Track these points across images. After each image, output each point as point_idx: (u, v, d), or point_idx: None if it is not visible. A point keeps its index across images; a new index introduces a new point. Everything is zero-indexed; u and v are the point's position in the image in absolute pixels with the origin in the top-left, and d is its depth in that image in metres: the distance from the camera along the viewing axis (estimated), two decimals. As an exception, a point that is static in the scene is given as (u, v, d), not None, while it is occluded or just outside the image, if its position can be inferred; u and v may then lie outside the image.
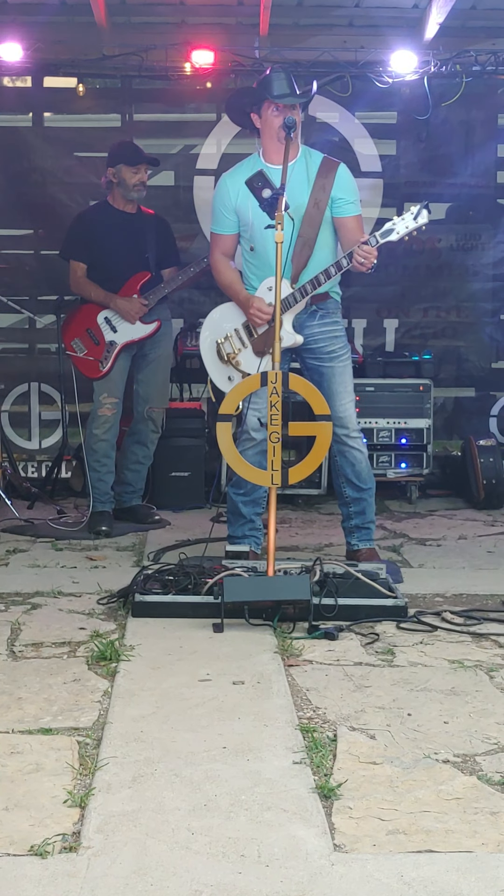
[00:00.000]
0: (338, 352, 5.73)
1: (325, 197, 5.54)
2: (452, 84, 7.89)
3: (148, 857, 2.79)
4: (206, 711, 3.80)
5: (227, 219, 5.70)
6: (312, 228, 5.54)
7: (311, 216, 5.53)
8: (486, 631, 4.76)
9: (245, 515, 5.76)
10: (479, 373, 8.50)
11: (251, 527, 5.76)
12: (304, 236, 5.52)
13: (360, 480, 5.80)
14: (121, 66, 7.82)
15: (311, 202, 5.53)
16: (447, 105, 8.00)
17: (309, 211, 5.52)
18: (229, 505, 5.84)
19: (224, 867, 2.75)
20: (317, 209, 5.53)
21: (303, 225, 5.52)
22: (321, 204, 5.53)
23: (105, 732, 3.60)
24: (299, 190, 5.49)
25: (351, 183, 5.66)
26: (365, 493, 5.81)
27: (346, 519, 5.89)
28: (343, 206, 5.59)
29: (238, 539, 5.77)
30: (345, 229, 5.59)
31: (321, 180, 5.55)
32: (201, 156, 8.20)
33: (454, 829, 2.95)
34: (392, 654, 4.46)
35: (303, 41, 8.01)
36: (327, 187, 5.55)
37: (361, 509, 5.83)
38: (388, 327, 8.41)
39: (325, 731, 3.63)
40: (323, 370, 5.69)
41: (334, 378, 5.70)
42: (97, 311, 6.86)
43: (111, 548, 6.43)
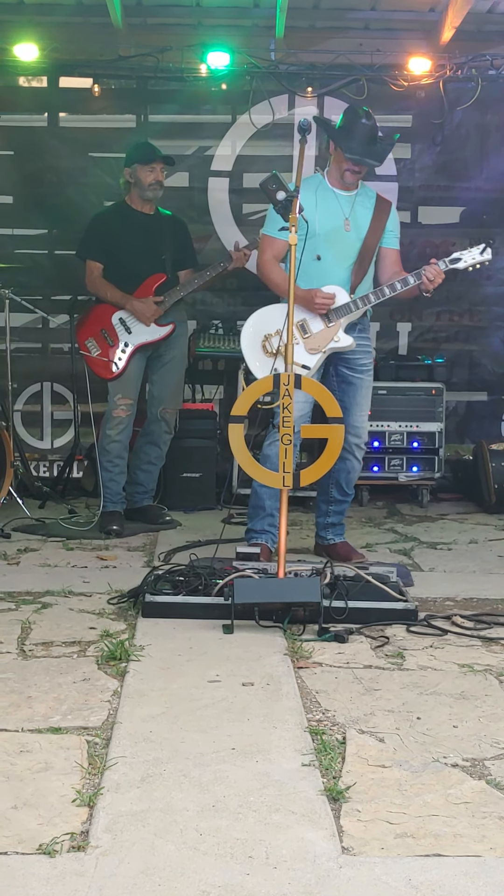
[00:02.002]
0: (368, 365, 6.08)
1: (382, 227, 5.98)
2: (468, 88, 7.91)
3: (156, 858, 2.78)
4: (216, 712, 3.80)
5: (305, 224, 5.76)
6: (370, 251, 5.96)
7: (371, 240, 5.95)
8: (497, 635, 4.75)
9: (267, 509, 5.84)
10: (492, 377, 8.49)
11: (271, 522, 5.83)
12: (364, 256, 5.93)
13: (348, 487, 6.17)
14: (136, 66, 7.86)
15: (371, 228, 5.95)
16: (462, 109, 8.02)
17: (369, 235, 5.93)
18: (252, 498, 5.94)
19: (232, 868, 2.74)
20: (374, 236, 5.96)
21: (364, 246, 5.93)
22: (377, 233, 5.98)
23: (114, 732, 3.60)
24: (364, 216, 5.95)
25: (398, 221, 6.16)
26: (347, 498, 6.22)
27: (324, 515, 6.18)
28: (392, 239, 6.07)
29: (257, 533, 5.86)
30: (388, 259, 6.04)
31: (379, 213, 6.00)
32: (216, 157, 8.22)
33: (462, 833, 2.95)
34: (402, 657, 4.45)
35: (319, 44, 8.03)
36: (383, 219, 6.00)
37: (341, 510, 6.20)
38: (401, 331, 8.42)
39: (335, 734, 3.63)
40: (353, 380, 5.99)
41: (361, 390, 6.03)
42: (112, 312, 6.86)
43: (122, 548, 6.44)
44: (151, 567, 5.63)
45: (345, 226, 5.86)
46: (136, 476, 7.12)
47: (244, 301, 7.91)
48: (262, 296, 6.22)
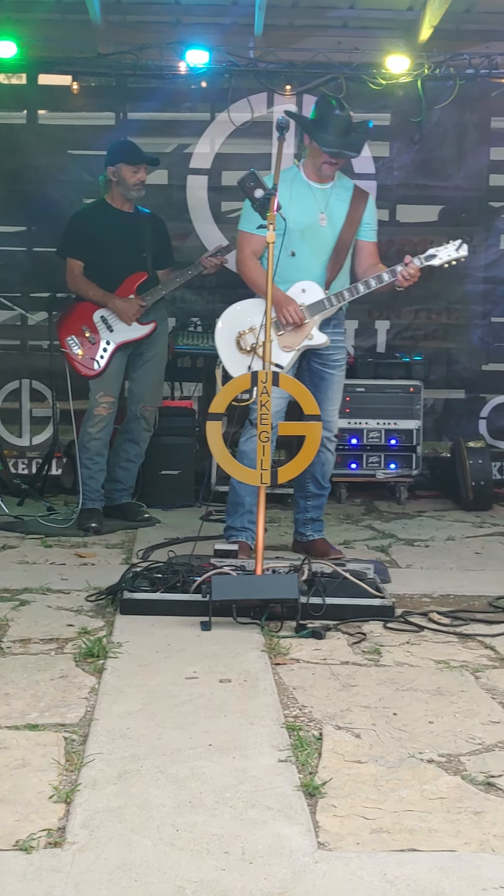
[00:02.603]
0: (341, 361, 6.07)
1: (358, 219, 5.93)
2: (446, 87, 7.92)
3: (132, 853, 2.79)
4: (193, 709, 3.81)
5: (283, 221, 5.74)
6: (346, 244, 5.91)
7: (346, 233, 5.89)
8: (473, 632, 4.77)
9: (246, 506, 5.83)
10: (470, 375, 8.51)
11: (250, 519, 5.79)
12: (339, 250, 5.89)
13: (324, 480, 6.15)
14: (115, 64, 7.83)
15: (347, 221, 5.89)
16: (440, 108, 8.03)
17: (345, 228, 5.88)
18: (231, 495, 5.93)
19: (208, 864, 2.75)
20: (350, 229, 5.90)
21: (339, 240, 5.88)
22: (354, 225, 5.92)
23: (91, 729, 3.60)
24: (340, 209, 5.88)
25: (375, 213, 6.13)
26: (325, 491, 6.19)
27: (303, 511, 6.17)
28: (369, 231, 6.02)
29: (237, 531, 5.85)
30: (365, 252, 6.01)
31: (356, 204, 5.94)
32: (195, 155, 8.21)
33: (437, 828, 2.96)
34: (378, 653, 4.46)
35: (297, 42, 8.04)
36: (360, 211, 5.94)
37: (319, 504, 6.17)
38: (379, 329, 8.43)
39: (311, 730, 3.64)
40: (325, 375, 5.98)
41: (333, 385, 6.02)
42: (93, 310, 6.85)
43: (100, 545, 6.44)
44: (130, 564, 5.63)
45: (320, 220, 5.83)
46: (115, 473, 7.11)
47: (223, 298, 7.86)
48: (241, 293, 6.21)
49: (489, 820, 3.01)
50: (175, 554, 5.66)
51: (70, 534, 6.63)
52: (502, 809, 3.08)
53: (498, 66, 7.86)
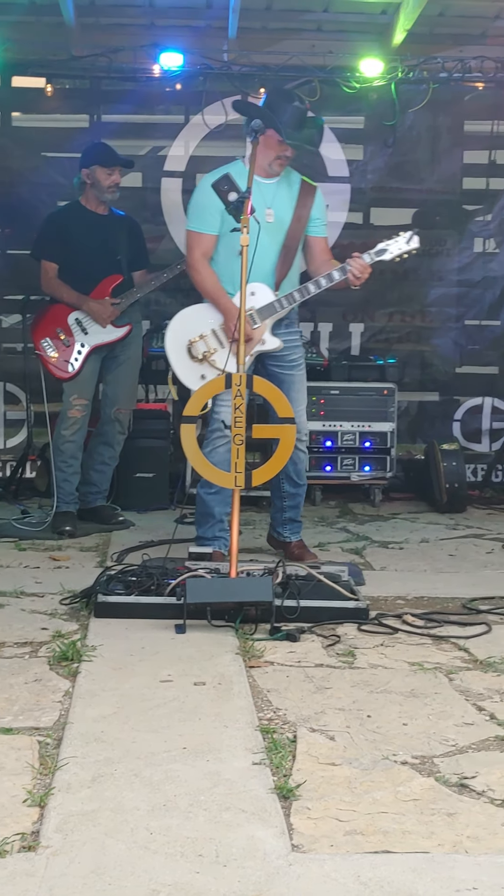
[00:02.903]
0: (298, 360, 5.95)
1: (307, 214, 5.80)
2: (419, 90, 7.96)
3: (106, 857, 2.79)
4: (167, 712, 3.81)
5: (214, 218, 5.72)
6: (295, 242, 5.79)
7: (295, 230, 5.77)
8: (447, 634, 4.79)
9: (216, 516, 5.78)
10: (443, 377, 8.55)
11: (222, 527, 5.78)
12: (288, 247, 5.76)
13: (298, 478, 6.04)
14: (89, 66, 7.84)
15: (295, 217, 5.77)
16: (414, 111, 8.07)
17: (293, 225, 5.76)
18: (199, 506, 5.86)
19: (182, 867, 2.75)
20: (299, 224, 5.78)
21: (287, 237, 5.76)
22: (302, 220, 5.79)
23: (66, 732, 3.59)
24: (286, 204, 5.76)
25: (325, 207, 5.97)
26: (300, 490, 6.08)
27: (279, 511, 6.09)
28: (319, 227, 5.89)
29: (208, 541, 5.79)
30: (316, 248, 5.88)
31: (304, 199, 5.80)
32: (169, 158, 8.21)
33: (411, 829, 2.97)
34: (353, 655, 4.47)
35: (271, 45, 8.05)
36: (308, 206, 5.81)
37: (296, 504, 6.07)
38: (353, 331, 8.45)
39: (285, 733, 3.64)
40: (283, 377, 5.84)
41: (294, 385, 5.89)
42: (68, 312, 6.85)
43: (75, 548, 6.42)
44: (104, 567, 5.61)
45: (266, 216, 5.65)
46: (90, 476, 7.10)
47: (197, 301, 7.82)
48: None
49: (462, 821, 3.02)
50: (149, 557, 5.65)
51: (44, 537, 6.61)
52: (476, 811, 3.09)
53: (471, 69, 7.91)
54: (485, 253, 8.49)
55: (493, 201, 8.45)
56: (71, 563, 6.04)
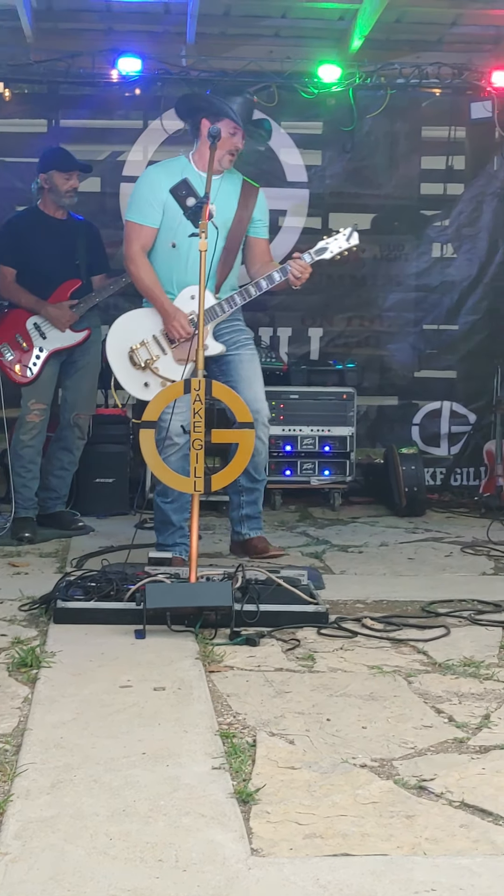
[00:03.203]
0: (242, 341, 5.86)
1: (248, 215, 5.75)
2: (377, 96, 8.00)
3: (66, 863, 2.78)
4: (127, 717, 3.80)
5: (154, 210, 5.71)
6: (235, 244, 5.72)
7: (236, 231, 5.71)
8: (406, 637, 4.80)
9: (175, 523, 5.77)
10: (402, 381, 8.58)
11: (182, 534, 5.76)
12: (229, 249, 5.69)
13: (255, 471, 5.90)
14: (47, 71, 7.82)
15: (236, 218, 5.71)
16: (372, 117, 8.11)
17: (235, 225, 5.70)
18: (157, 514, 5.85)
19: (141, 872, 2.75)
20: (241, 225, 5.72)
21: (228, 238, 5.67)
22: (244, 221, 5.73)
23: (25, 739, 3.58)
24: (227, 205, 5.67)
25: (267, 208, 5.92)
26: (258, 485, 5.96)
27: (236, 508, 5.99)
28: (260, 228, 5.85)
29: (168, 547, 5.78)
30: (257, 249, 5.83)
31: (245, 199, 5.75)
32: (128, 162, 8.21)
33: (370, 832, 2.98)
34: (312, 659, 4.48)
35: (229, 51, 8.08)
36: (250, 207, 5.76)
37: (254, 499, 5.97)
38: (312, 336, 8.47)
39: (245, 737, 3.64)
40: (230, 358, 5.81)
41: (242, 364, 5.81)
42: (26, 317, 6.83)
43: (34, 554, 6.40)
44: (63, 573, 5.60)
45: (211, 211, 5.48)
46: (49, 482, 7.08)
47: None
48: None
49: (421, 823, 3.03)
50: (109, 562, 5.64)
51: (3, 543, 6.58)
52: (434, 813, 3.10)
53: (428, 75, 7.96)
54: (442, 258, 8.55)
55: (450, 207, 8.49)
56: (30, 569, 6.02)
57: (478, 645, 4.71)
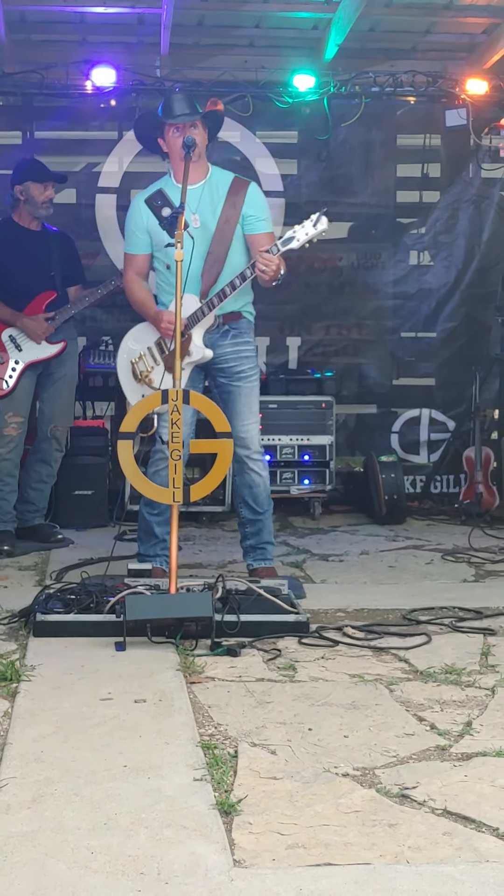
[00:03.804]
0: (247, 372, 5.74)
1: (236, 214, 5.59)
2: (352, 105, 8.02)
3: (47, 878, 2.77)
4: (108, 730, 3.79)
5: (140, 239, 5.73)
6: (223, 245, 5.58)
7: (222, 233, 5.57)
8: (387, 645, 4.81)
9: (158, 535, 5.74)
10: (381, 389, 8.59)
11: (163, 546, 5.71)
12: (215, 253, 5.57)
13: (256, 504, 5.80)
14: (21, 83, 7.82)
15: (221, 219, 5.58)
16: (347, 125, 8.13)
17: (220, 228, 5.57)
18: (141, 524, 5.83)
19: (123, 885, 2.74)
20: (227, 226, 5.58)
21: (213, 242, 5.56)
22: (231, 221, 5.58)
23: (4, 753, 3.56)
24: (210, 208, 5.58)
25: (261, 201, 5.72)
26: (261, 517, 5.82)
27: (243, 539, 5.91)
28: (254, 223, 5.63)
29: (150, 557, 5.77)
30: (258, 245, 5.55)
31: (232, 198, 5.61)
32: (103, 174, 8.21)
33: (353, 841, 2.98)
34: (294, 669, 4.48)
35: (204, 61, 8.09)
36: (238, 205, 5.60)
37: (257, 530, 5.83)
38: (290, 345, 8.47)
39: (227, 748, 3.64)
40: (230, 389, 5.72)
41: (240, 398, 5.72)
42: (1, 329, 6.81)
43: (13, 567, 6.38)
44: (43, 586, 5.58)
45: (193, 222, 5.42)
46: (28, 494, 7.06)
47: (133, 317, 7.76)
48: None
49: (404, 832, 3.03)
50: (89, 575, 5.63)
51: (-18, 557, 6.57)
52: (417, 821, 3.10)
53: (402, 84, 8.00)
54: (419, 265, 8.57)
55: (426, 214, 8.52)
56: (9, 583, 6.00)
57: (459, 652, 4.72)
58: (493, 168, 8.36)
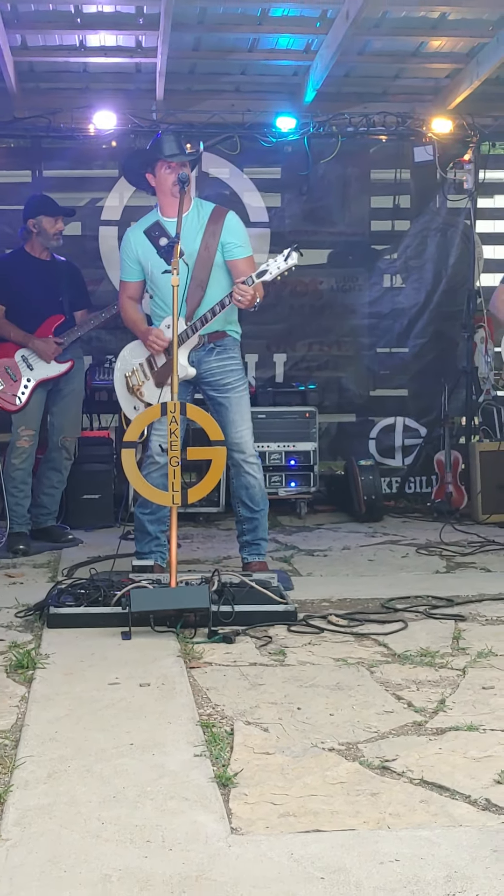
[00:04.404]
0: (234, 384, 5.71)
1: (215, 242, 5.55)
2: (329, 143, 8.02)
3: (62, 847, 2.76)
4: (116, 712, 3.78)
5: (132, 268, 5.74)
6: (205, 271, 5.54)
7: (203, 260, 5.53)
8: (368, 631, 4.81)
9: (151, 533, 5.73)
10: (359, 400, 8.60)
11: (157, 543, 5.74)
12: (197, 278, 5.52)
13: (252, 503, 5.77)
14: (31, 127, 7.82)
15: (202, 247, 5.54)
16: (325, 162, 8.14)
17: (200, 255, 5.53)
18: (136, 524, 5.82)
19: (131, 852, 2.73)
20: (207, 253, 5.53)
21: (195, 268, 5.51)
22: (211, 248, 5.54)
23: (22, 734, 3.56)
24: (192, 237, 5.51)
25: (239, 228, 5.66)
26: (257, 514, 5.79)
27: (240, 535, 5.89)
28: (233, 250, 5.58)
29: (145, 554, 5.74)
30: (237, 270, 5.54)
31: (212, 227, 5.57)
32: (105, 208, 8.20)
33: (339, 809, 2.98)
34: (283, 654, 4.47)
35: (195, 105, 8.10)
36: (217, 233, 5.56)
37: (253, 527, 5.81)
38: (277, 361, 8.47)
39: (223, 726, 3.63)
40: (221, 400, 5.70)
41: (231, 408, 5.69)
42: (15, 350, 6.81)
43: (28, 565, 6.37)
44: (55, 582, 5.58)
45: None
46: (40, 499, 7.05)
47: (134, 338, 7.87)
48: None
49: (385, 800, 3.03)
50: (97, 571, 5.62)
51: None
52: (396, 790, 3.10)
53: (375, 124, 8.01)
54: (392, 288, 8.57)
55: (398, 241, 8.53)
56: (25, 579, 5.98)
57: (433, 637, 4.72)
58: (458, 199, 8.37)
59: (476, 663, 4.31)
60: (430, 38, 7.53)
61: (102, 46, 7.61)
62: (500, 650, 4.48)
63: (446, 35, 7.45)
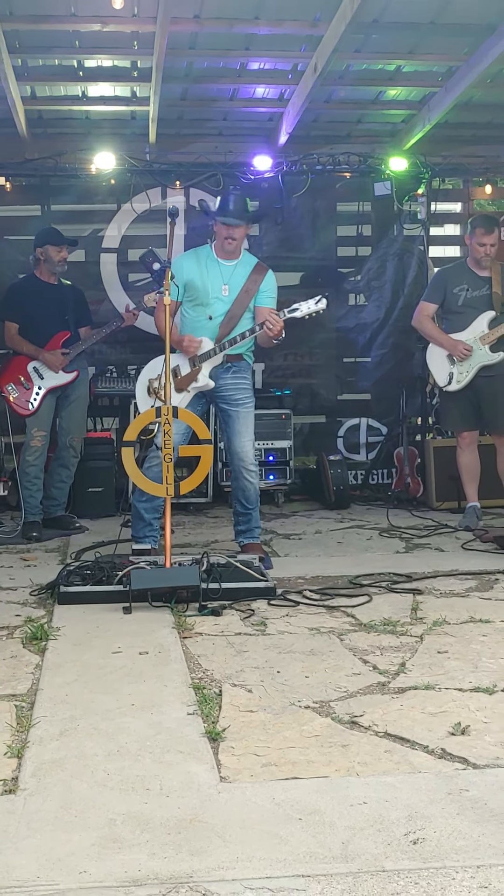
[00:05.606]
0: (243, 400, 5.80)
1: (255, 288, 5.71)
2: (301, 180, 7.99)
3: (72, 795, 2.76)
4: (118, 677, 3.77)
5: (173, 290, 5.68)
6: (241, 309, 5.70)
7: (241, 300, 5.69)
8: (337, 604, 4.81)
9: (146, 520, 5.72)
10: (328, 403, 8.57)
11: (150, 529, 5.72)
12: (232, 313, 5.68)
13: (248, 502, 5.85)
14: (40, 167, 7.76)
15: (243, 290, 5.69)
16: (297, 196, 8.10)
17: (240, 295, 5.68)
18: (133, 511, 5.81)
19: (133, 799, 2.73)
20: (247, 296, 5.69)
21: (234, 304, 5.67)
22: (250, 293, 5.70)
23: (37, 697, 3.55)
24: (239, 282, 5.68)
25: (274, 283, 5.84)
26: (251, 510, 5.86)
27: (236, 524, 5.94)
28: (265, 298, 5.75)
29: (140, 538, 5.73)
30: (261, 315, 5.68)
31: (254, 276, 5.73)
32: (106, 237, 8.15)
33: (314, 759, 2.98)
34: (264, 625, 4.47)
35: (183, 147, 8.10)
36: (258, 282, 5.72)
37: (247, 520, 5.87)
38: (256, 369, 8.42)
39: (213, 688, 3.63)
40: (230, 413, 5.78)
41: (238, 420, 5.77)
42: (27, 362, 6.79)
43: (40, 550, 6.34)
44: (65, 564, 5.56)
45: (223, 291, 5.66)
46: (51, 492, 7.02)
47: (132, 350, 7.90)
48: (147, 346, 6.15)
49: (354, 751, 3.04)
50: (101, 554, 5.60)
51: (15, 542, 6.52)
52: (363, 742, 3.11)
53: (340, 162, 7.98)
54: (357, 305, 8.55)
55: (361, 265, 8.51)
56: (38, 562, 5.96)
57: (394, 608, 4.73)
58: (413, 228, 8.36)
59: (432, 631, 4.32)
60: (388, 88, 7.56)
61: (102, 96, 7.60)
62: (453, 619, 4.49)
63: (402, 85, 7.48)
